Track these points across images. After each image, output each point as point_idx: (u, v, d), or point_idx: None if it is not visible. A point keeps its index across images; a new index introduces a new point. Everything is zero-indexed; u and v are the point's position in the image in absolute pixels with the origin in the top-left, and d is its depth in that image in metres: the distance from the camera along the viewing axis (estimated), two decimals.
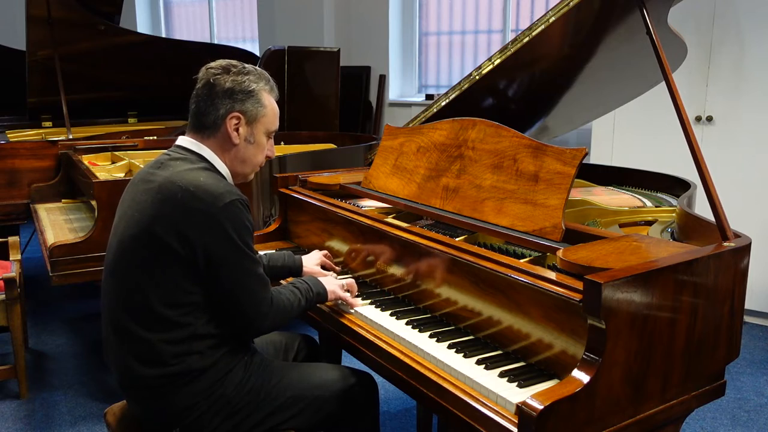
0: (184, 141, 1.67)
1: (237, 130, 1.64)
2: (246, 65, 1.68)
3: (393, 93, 6.02)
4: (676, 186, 2.33)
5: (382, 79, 5.99)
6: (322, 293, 1.79)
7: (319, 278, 1.83)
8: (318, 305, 1.84)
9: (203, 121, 1.64)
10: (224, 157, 1.66)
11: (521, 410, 1.21)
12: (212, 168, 1.63)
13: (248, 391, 1.62)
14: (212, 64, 1.66)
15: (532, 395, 1.22)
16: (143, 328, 1.54)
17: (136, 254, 1.53)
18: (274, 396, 1.65)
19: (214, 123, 1.63)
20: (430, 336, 1.60)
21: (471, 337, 1.60)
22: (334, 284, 1.82)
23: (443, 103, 2.31)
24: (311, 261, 2.05)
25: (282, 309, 1.65)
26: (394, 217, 2.00)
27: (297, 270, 2.02)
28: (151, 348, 1.54)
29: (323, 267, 2.05)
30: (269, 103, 1.68)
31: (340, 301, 1.83)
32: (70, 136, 3.99)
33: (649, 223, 1.95)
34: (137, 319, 1.54)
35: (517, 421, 1.24)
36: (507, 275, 1.48)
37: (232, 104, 1.62)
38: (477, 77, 2.19)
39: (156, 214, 1.51)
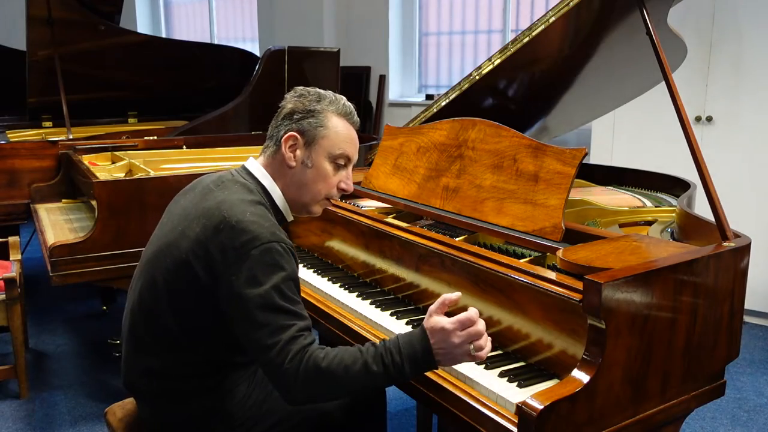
0: (251, 164, 1.59)
1: (294, 151, 1.54)
2: (326, 92, 1.58)
3: (393, 93, 6.02)
4: (675, 186, 2.33)
5: (382, 79, 5.99)
6: (417, 358, 1.31)
7: (427, 331, 1.33)
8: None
9: (268, 144, 1.58)
10: (281, 182, 1.56)
11: (521, 410, 1.21)
12: (267, 201, 1.53)
13: (251, 405, 1.58)
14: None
15: (532, 395, 1.22)
16: (153, 340, 1.52)
17: (165, 266, 1.48)
18: (278, 408, 1.59)
19: (275, 144, 1.56)
20: None
21: None
22: (444, 339, 1.31)
23: (443, 103, 2.31)
24: None
25: (324, 375, 1.29)
26: (394, 217, 2.00)
27: None
28: (157, 360, 1.52)
29: None
30: (333, 125, 1.54)
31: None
32: (70, 136, 3.98)
33: (649, 223, 1.95)
34: (150, 329, 1.52)
35: (517, 421, 1.24)
36: (507, 275, 1.48)
37: (291, 124, 1.54)
38: (477, 77, 2.19)
39: (194, 237, 1.43)
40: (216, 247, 1.39)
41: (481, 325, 1.32)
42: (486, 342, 1.32)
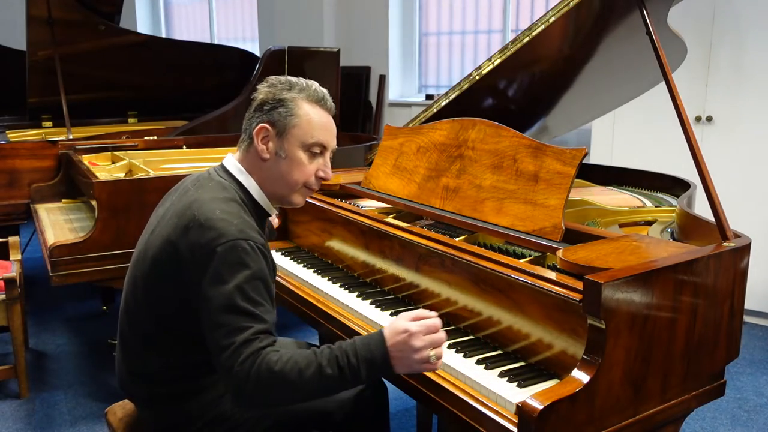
0: (227, 160, 1.56)
1: (267, 143, 1.50)
2: (297, 79, 1.54)
3: (393, 93, 6.02)
4: (675, 186, 2.33)
5: (382, 79, 5.99)
6: (375, 361, 1.30)
7: (385, 333, 1.32)
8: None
9: (243, 138, 1.55)
10: (257, 175, 1.53)
11: (521, 410, 1.21)
12: (244, 196, 1.51)
13: None
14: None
15: (532, 395, 1.22)
16: (138, 344, 1.52)
17: (143, 267, 1.49)
18: (279, 409, 1.57)
19: (249, 138, 1.52)
20: None
21: (471, 337, 1.60)
22: (404, 340, 1.30)
23: (443, 103, 2.31)
24: None
25: (277, 378, 1.27)
26: (394, 217, 2.00)
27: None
28: (144, 364, 1.51)
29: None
30: (304, 113, 1.49)
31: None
32: (70, 136, 3.99)
33: (649, 223, 1.95)
34: (134, 332, 1.53)
35: (517, 421, 1.24)
36: (507, 275, 1.48)
37: (262, 115, 1.50)
38: (477, 77, 2.19)
39: (167, 237, 1.44)
40: (186, 246, 1.39)
41: (443, 333, 1.33)
42: (443, 353, 1.33)
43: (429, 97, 5.72)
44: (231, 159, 1.56)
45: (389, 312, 1.75)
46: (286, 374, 1.27)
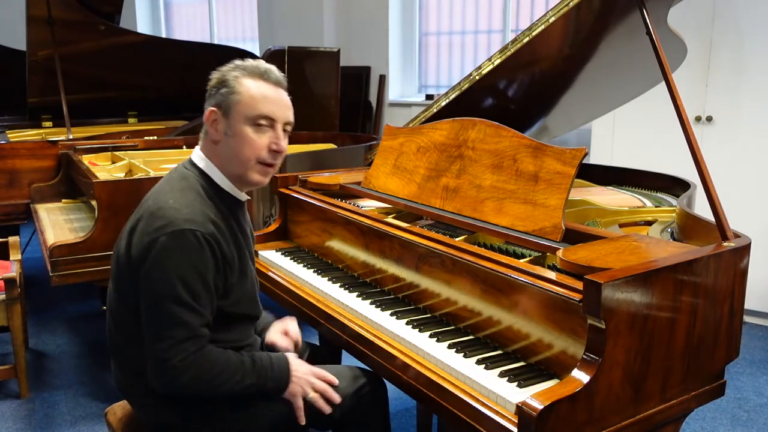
0: (194, 151, 1.60)
1: (216, 126, 1.53)
2: (242, 61, 1.59)
3: (393, 93, 6.02)
4: (675, 186, 2.33)
5: (382, 79, 5.99)
6: (282, 379, 1.52)
7: (290, 360, 1.57)
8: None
9: (202, 128, 1.59)
10: (216, 161, 1.56)
11: (521, 410, 1.21)
12: (208, 185, 1.53)
13: (245, 405, 1.55)
14: None
15: (532, 395, 1.22)
16: (123, 340, 1.53)
17: (114, 264, 1.53)
18: (275, 406, 1.57)
19: (204, 126, 1.57)
20: (430, 336, 1.60)
21: (471, 337, 1.60)
22: (304, 373, 1.56)
23: (443, 103, 2.31)
24: (276, 329, 1.80)
25: (209, 375, 1.42)
26: (394, 217, 2.00)
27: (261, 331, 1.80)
28: (135, 363, 1.51)
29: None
30: (245, 89, 1.51)
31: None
32: (70, 136, 3.99)
33: (649, 223, 1.96)
34: (119, 329, 1.54)
35: (517, 421, 1.24)
36: (507, 275, 1.48)
37: (210, 101, 1.54)
38: (477, 77, 2.19)
39: (128, 229, 1.49)
40: (138, 235, 1.43)
41: (332, 394, 1.57)
42: (320, 405, 1.56)
43: (429, 97, 5.72)
44: (196, 150, 1.60)
45: (389, 312, 1.75)
46: (218, 374, 1.43)
